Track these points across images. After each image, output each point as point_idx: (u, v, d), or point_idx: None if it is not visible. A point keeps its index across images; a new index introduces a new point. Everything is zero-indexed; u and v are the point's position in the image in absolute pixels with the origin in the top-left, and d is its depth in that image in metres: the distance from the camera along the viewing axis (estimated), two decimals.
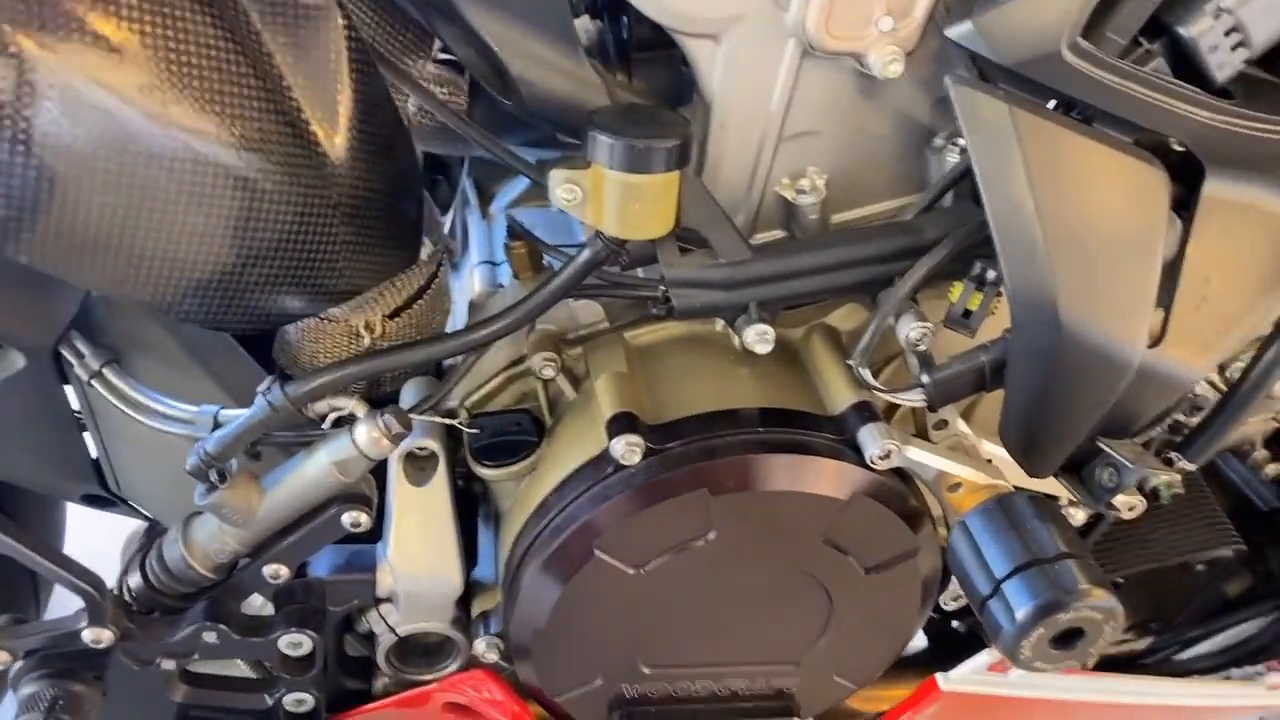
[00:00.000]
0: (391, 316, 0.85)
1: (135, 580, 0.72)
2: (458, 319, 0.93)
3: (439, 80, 0.82)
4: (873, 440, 0.68)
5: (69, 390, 0.81)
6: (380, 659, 0.80)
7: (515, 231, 0.87)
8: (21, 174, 0.58)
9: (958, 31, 0.61)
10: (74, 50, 0.58)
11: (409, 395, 0.80)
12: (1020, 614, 0.61)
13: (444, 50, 0.82)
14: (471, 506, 0.83)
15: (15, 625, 0.70)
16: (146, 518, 0.93)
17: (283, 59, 0.66)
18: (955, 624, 1.04)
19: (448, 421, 0.74)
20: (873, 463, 0.68)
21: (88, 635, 0.69)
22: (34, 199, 0.59)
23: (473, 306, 0.91)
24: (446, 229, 1.07)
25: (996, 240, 0.62)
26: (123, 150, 0.61)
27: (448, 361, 0.83)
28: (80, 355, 0.76)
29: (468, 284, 0.98)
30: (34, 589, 1.05)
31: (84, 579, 0.67)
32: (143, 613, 0.73)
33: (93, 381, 0.75)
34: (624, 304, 0.78)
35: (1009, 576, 0.63)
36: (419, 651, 0.82)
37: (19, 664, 0.71)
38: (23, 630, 0.70)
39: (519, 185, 1.08)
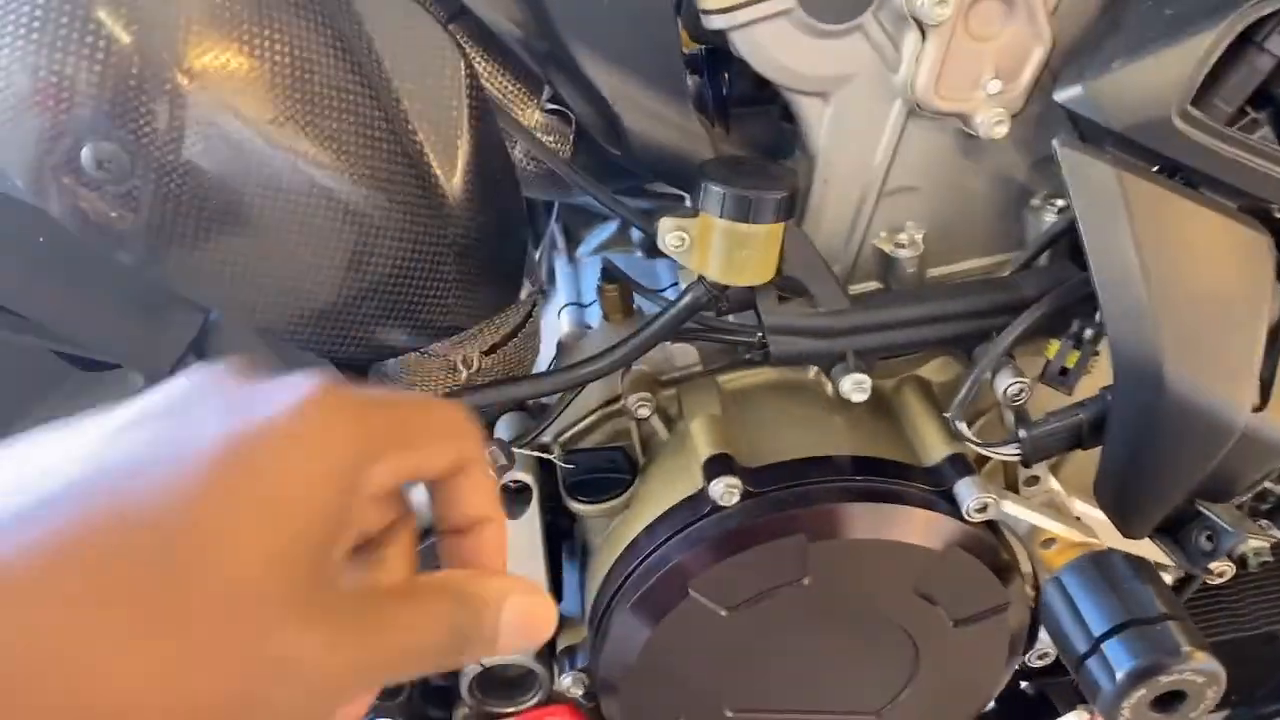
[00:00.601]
0: (488, 352, 0.88)
1: None
2: (543, 358, 0.96)
3: (546, 128, 0.86)
4: (970, 493, 0.69)
5: None
6: (464, 689, 0.81)
7: (609, 275, 0.90)
8: (169, 202, 0.62)
9: (1067, 95, 0.62)
10: (223, 87, 0.62)
11: (503, 430, 0.82)
12: (1121, 674, 0.61)
13: (551, 100, 0.86)
14: (555, 542, 0.85)
15: None
16: None
17: (410, 104, 0.70)
18: (1024, 685, 1.03)
19: (546, 456, 0.76)
20: (969, 515, 0.69)
21: None
22: (177, 225, 0.63)
23: (561, 346, 0.94)
24: None
25: (1102, 301, 0.63)
26: (258, 184, 0.64)
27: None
28: None
29: (554, 325, 1.00)
30: None
31: None
32: None
33: None
34: (717, 348, 0.81)
35: (1108, 635, 0.63)
36: (500, 684, 0.83)
37: None
38: None
39: (605, 231, 1.12)
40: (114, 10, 0.57)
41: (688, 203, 0.87)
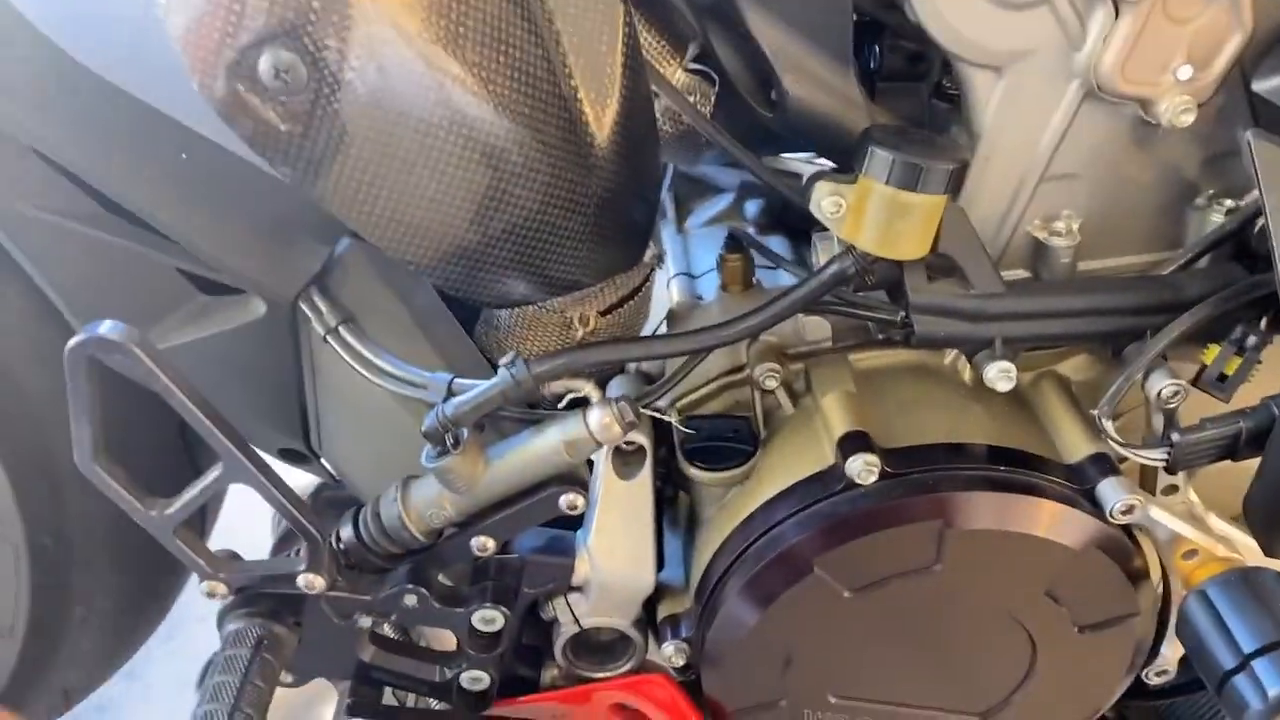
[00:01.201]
0: (604, 313, 0.86)
1: (347, 533, 0.74)
2: (650, 324, 0.95)
3: (688, 88, 0.84)
4: (1116, 493, 0.66)
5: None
6: (557, 649, 0.80)
7: (734, 244, 0.88)
8: (334, 119, 0.61)
9: (1268, 86, 0.60)
10: (395, 6, 0.60)
11: (614, 391, 0.80)
12: (1274, 692, 0.58)
13: (695, 59, 0.85)
14: (658, 509, 0.83)
15: (233, 560, 0.72)
16: (332, 480, 0.95)
17: (569, 45, 0.69)
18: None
19: (667, 419, 0.74)
20: (1113, 517, 0.66)
21: (303, 580, 0.70)
22: (338, 143, 0.62)
23: (673, 315, 0.92)
24: None
25: None
26: (414, 109, 0.63)
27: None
28: (319, 311, 0.78)
29: (664, 294, 0.99)
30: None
31: (312, 523, 0.69)
32: (350, 567, 0.74)
33: (328, 338, 0.78)
34: (851, 325, 0.78)
35: (1260, 653, 0.60)
36: (592, 648, 0.82)
37: (229, 599, 0.73)
38: (240, 565, 0.72)
39: (719, 204, 1.10)
40: None
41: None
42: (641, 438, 0.75)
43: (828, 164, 0.88)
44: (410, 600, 0.73)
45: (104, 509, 0.92)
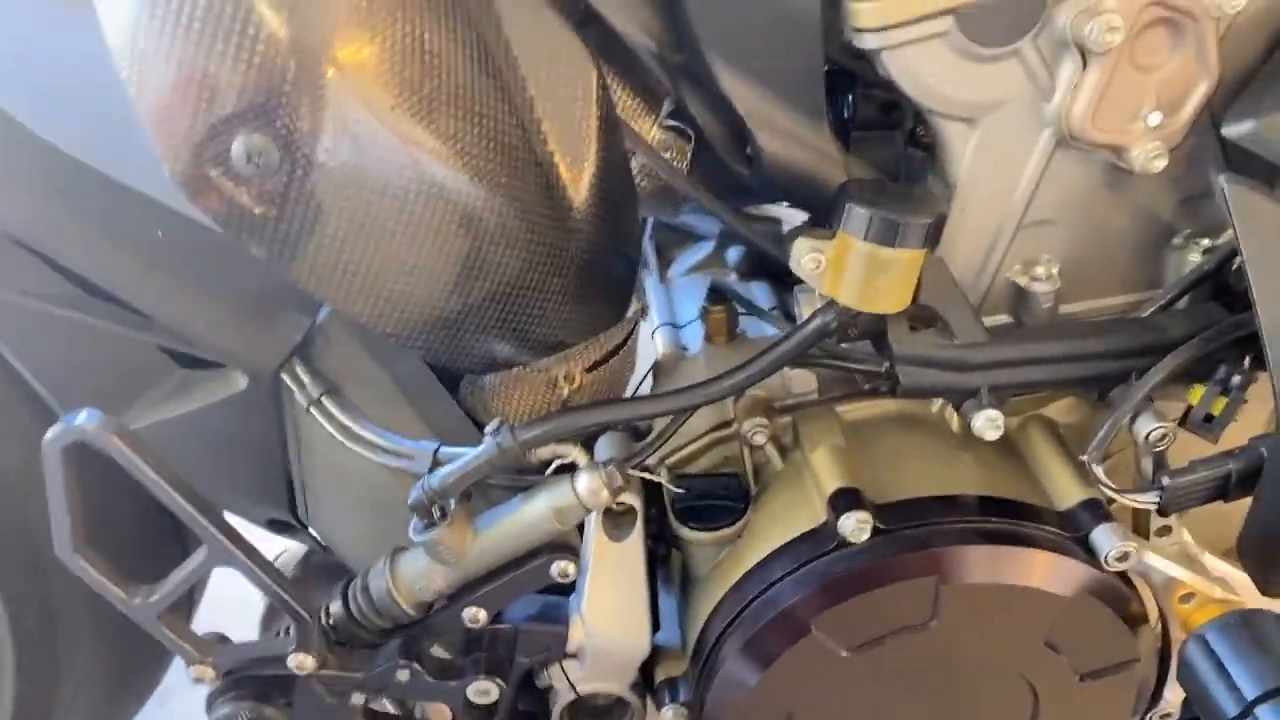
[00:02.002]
0: (590, 369, 0.86)
1: (336, 608, 0.72)
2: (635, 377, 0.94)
3: (664, 145, 0.84)
4: (1110, 540, 0.66)
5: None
6: (555, 716, 0.79)
7: (717, 296, 0.88)
8: (307, 199, 0.61)
9: (1238, 131, 0.60)
10: (366, 83, 0.60)
11: (604, 450, 0.79)
12: None
13: (670, 115, 0.85)
14: (651, 568, 0.82)
15: (221, 643, 0.71)
16: (321, 546, 0.94)
17: (542, 110, 0.69)
18: None
19: (657, 480, 0.74)
20: (1108, 564, 0.66)
21: (293, 660, 0.69)
22: (312, 222, 0.62)
23: (659, 367, 0.92)
24: None
25: (1268, 345, 0.60)
26: (391, 183, 0.63)
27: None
28: (301, 383, 0.78)
29: (649, 345, 0.98)
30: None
31: (300, 603, 0.68)
32: (340, 643, 0.73)
33: (311, 409, 0.77)
34: (836, 377, 0.78)
35: (1263, 699, 0.59)
36: (589, 713, 0.80)
37: (219, 683, 0.71)
38: (228, 649, 0.70)
39: (699, 252, 1.10)
40: (274, 4, 0.56)
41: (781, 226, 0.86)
42: (631, 498, 0.75)
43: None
44: (403, 675, 0.72)
45: (87, 589, 0.92)
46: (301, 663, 0.69)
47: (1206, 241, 0.72)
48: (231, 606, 0.80)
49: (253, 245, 0.61)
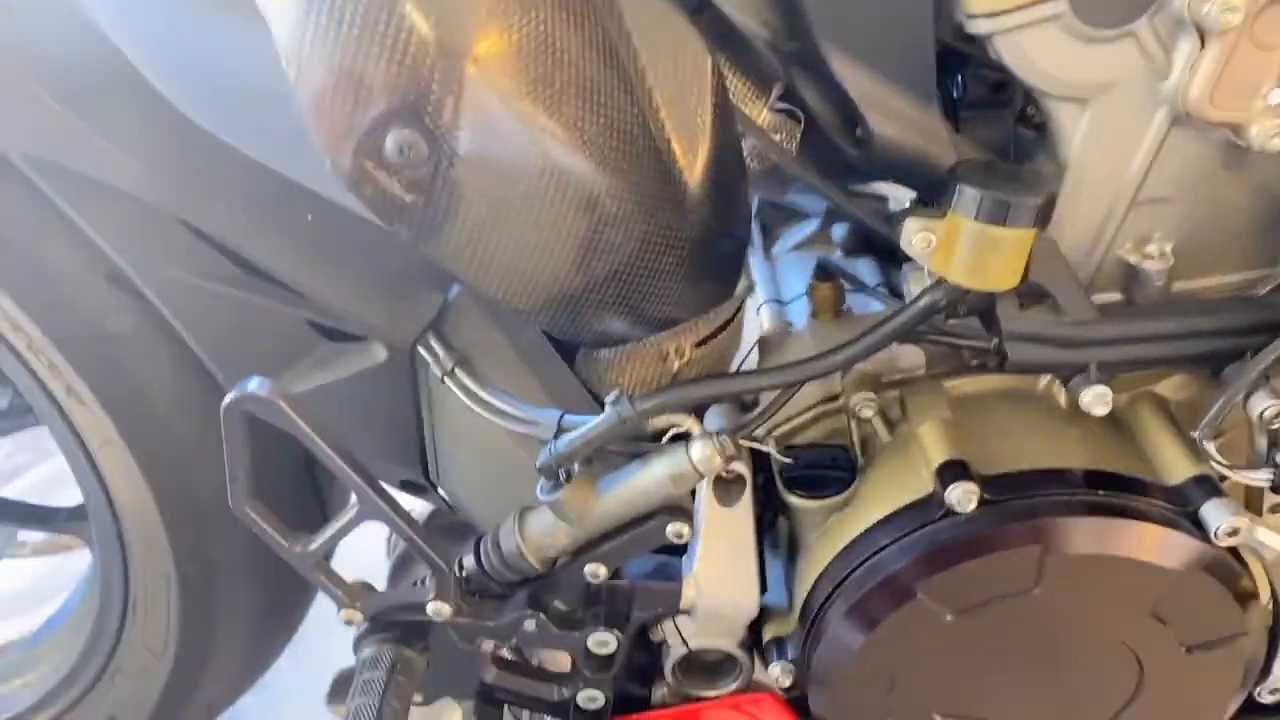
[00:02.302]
0: (699, 344, 0.90)
1: (470, 562, 0.79)
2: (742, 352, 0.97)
3: (774, 127, 0.87)
4: (1220, 515, 0.67)
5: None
6: (667, 670, 0.83)
7: (824, 272, 0.91)
8: (451, 185, 0.66)
9: None
10: (502, 76, 0.65)
11: (713, 421, 0.84)
12: None
13: (780, 98, 0.87)
14: (759, 535, 0.86)
15: (367, 590, 0.78)
16: (448, 507, 1.01)
17: (661, 97, 0.72)
18: None
19: (766, 450, 0.77)
20: (1218, 539, 0.67)
21: (432, 607, 0.75)
22: (454, 207, 0.67)
23: (764, 343, 0.95)
24: None
25: None
26: (524, 169, 0.68)
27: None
28: (436, 355, 0.84)
29: (754, 322, 1.01)
30: None
31: (439, 554, 0.74)
32: (472, 594, 0.79)
33: (445, 379, 0.83)
34: (943, 352, 0.80)
35: None
36: (700, 668, 0.85)
37: (364, 626, 0.79)
38: (374, 595, 0.78)
39: (804, 229, 1.12)
40: (422, 9, 0.61)
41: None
42: (741, 467, 0.79)
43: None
44: (530, 625, 0.77)
45: (243, 539, 1.01)
46: (439, 609, 0.76)
47: None
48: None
49: (401, 229, 0.67)
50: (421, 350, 0.85)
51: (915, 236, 0.68)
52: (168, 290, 0.83)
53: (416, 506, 1.09)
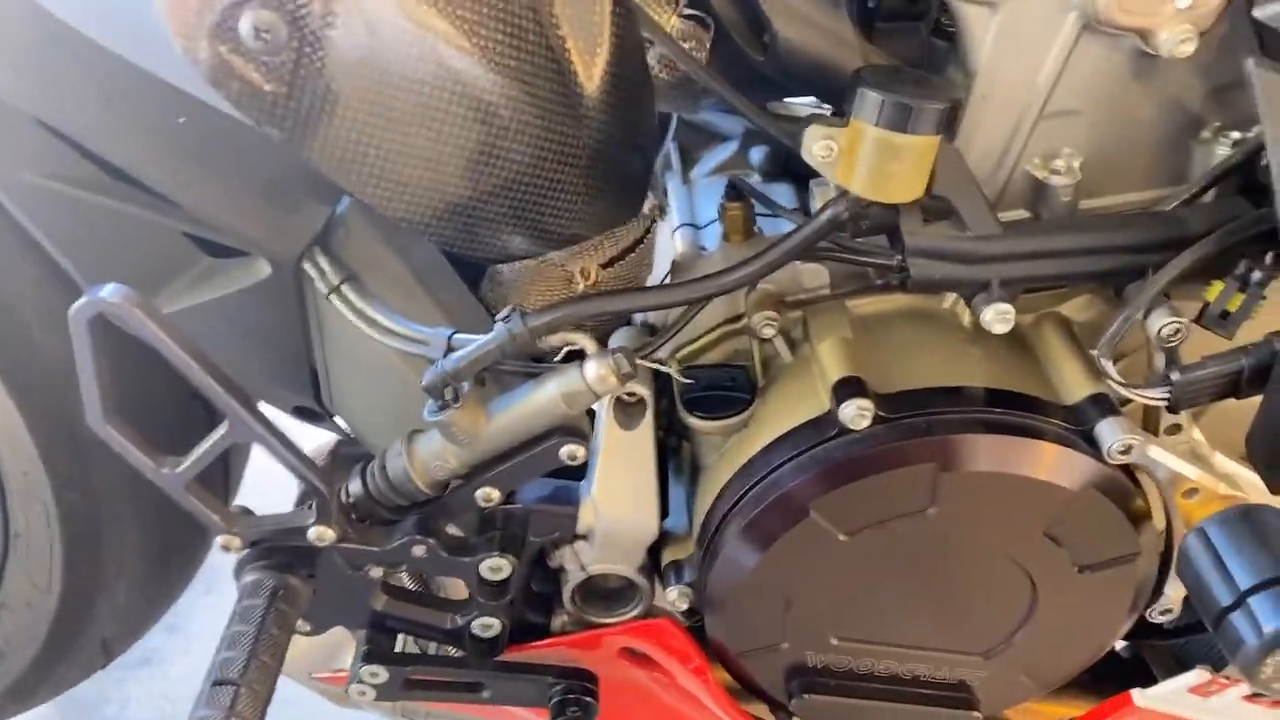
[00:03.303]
0: (605, 265, 0.86)
1: (355, 487, 0.75)
2: (655, 277, 0.95)
3: (683, 34, 0.83)
4: (1114, 433, 0.66)
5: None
6: (565, 596, 0.82)
7: (735, 193, 0.88)
8: (316, 77, 0.61)
9: (1272, 12, 0.58)
10: None
11: (616, 344, 0.81)
12: (1269, 629, 0.58)
13: (690, 4, 0.83)
14: (661, 458, 0.84)
15: (245, 515, 0.74)
16: (344, 435, 0.97)
17: None
18: (1119, 648, 1.00)
19: (665, 369, 0.75)
20: (1111, 456, 0.66)
21: (313, 532, 0.72)
22: (321, 102, 0.62)
23: (676, 266, 0.92)
24: None
25: None
26: (399, 65, 0.63)
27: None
28: (321, 270, 0.79)
29: (667, 245, 0.98)
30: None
31: (319, 477, 0.71)
32: (359, 520, 0.76)
33: (331, 296, 0.79)
34: (848, 271, 0.78)
35: (1256, 590, 0.60)
36: (599, 595, 0.83)
37: (244, 552, 0.75)
38: (253, 520, 0.74)
39: (723, 152, 1.09)
40: None
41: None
42: (642, 389, 0.76)
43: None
44: (419, 550, 0.75)
45: (128, 467, 0.96)
46: (321, 534, 0.73)
47: (1235, 134, 0.70)
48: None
49: (265, 124, 0.62)
50: (307, 266, 0.80)
51: (816, 144, 0.65)
52: (26, 196, 0.77)
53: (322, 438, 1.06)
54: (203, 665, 0.70)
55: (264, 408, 0.73)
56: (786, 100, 1.01)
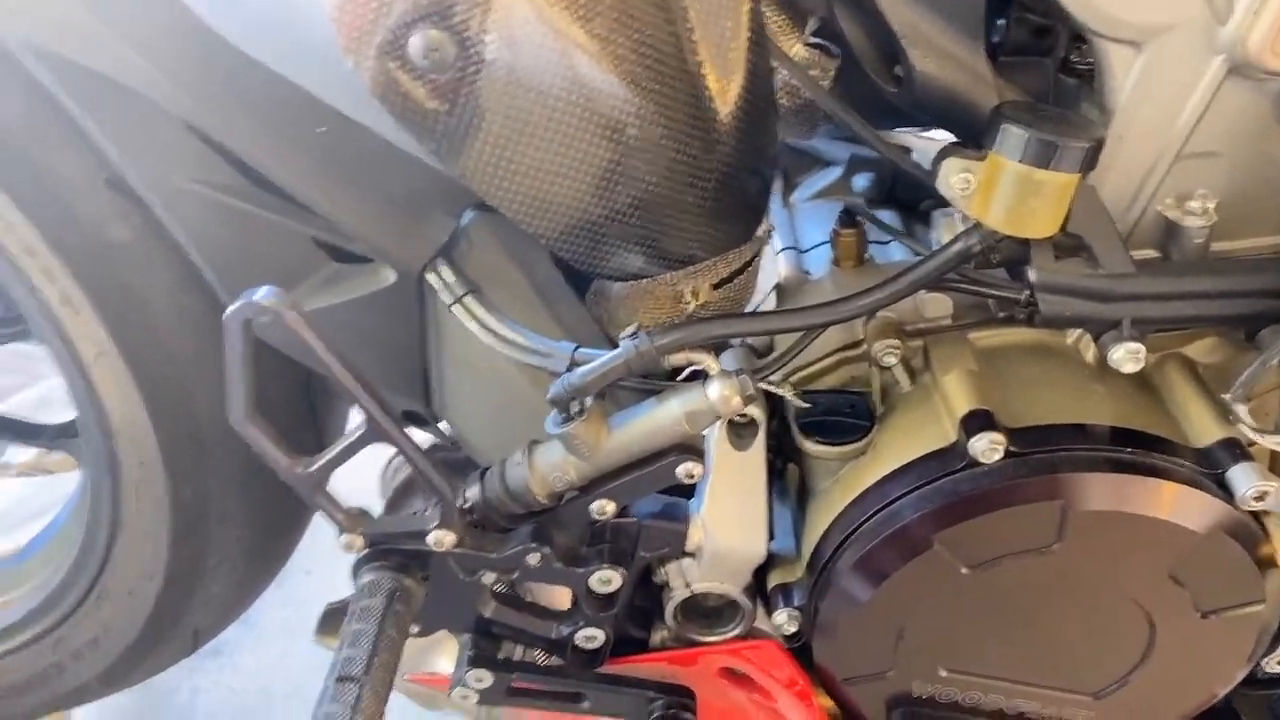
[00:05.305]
0: (716, 286, 0.87)
1: (474, 493, 0.77)
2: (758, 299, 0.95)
3: (809, 62, 0.84)
4: (1248, 479, 0.65)
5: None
6: (668, 612, 0.82)
7: (848, 220, 0.89)
8: (471, 96, 0.63)
9: None
10: None
11: (729, 363, 0.82)
12: None
13: (816, 33, 0.84)
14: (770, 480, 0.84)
15: (367, 516, 0.76)
16: (449, 441, 0.99)
17: (695, 15, 0.69)
18: None
19: (783, 393, 0.76)
20: (1244, 502, 0.65)
21: (434, 536, 0.74)
22: (479, 119, 0.64)
23: (781, 290, 0.93)
24: None
25: None
26: (550, 86, 0.65)
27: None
28: (445, 282, 0.81)
29: (770, 268, 0.99)
30: None
31: (445, 482, 0.72)
32: (475, 525, 0.77)
33: (454, 307, 0.81)
34: (972, 303, 0.78)
35: None
36: (701, 612, 0.84)
37: (364, 553, 0.77)
38: (375, 521, 0.76)
39: (826, 177, 1.10)
40: None
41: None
42: (755, 411, 0.77)
43: (945, 138, 0.87)
44: (533, 559, 0.76)
45: (239, 466, 0.99)
46: (440, 539, 0.74)
47: None
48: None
49: (424, 139, 0.64)
50: (430, 276, 0.82)
51: (954, 177, 0.66)
52: (172, 199, 0.80)
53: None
54: (271, 659, 0.71)
55: None
56: (898, 130, 1.03)
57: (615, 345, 0.72)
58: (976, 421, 0.67)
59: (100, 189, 0.81)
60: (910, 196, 1.01)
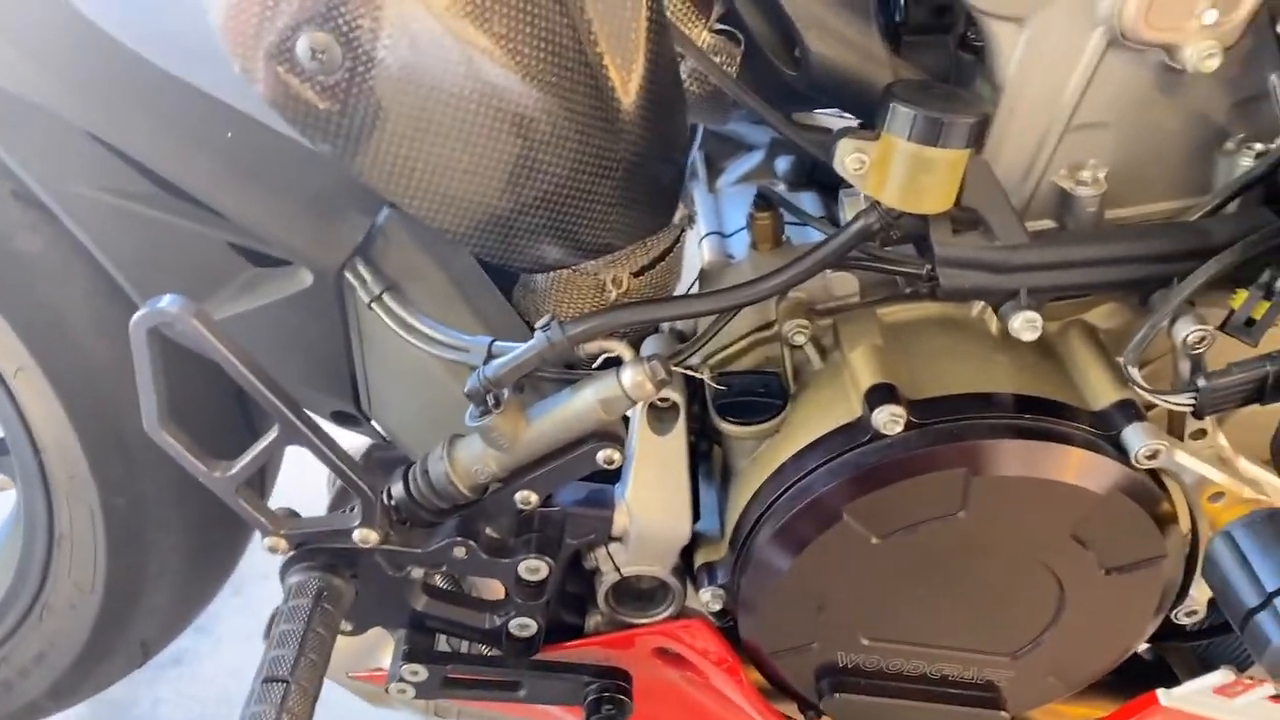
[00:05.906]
0: (637, 274, 0.88)
1: (398, 490, 0.77)
2: (682, 285, 0.96)
3: (714, 49, 0.85)
4: (1140, 439, 0.67)
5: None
6: (600, 597, 0.83)
7: (764, 203, 0.90)
8: (368, 95, 0.64)
9: None
10: None
11: (650, 349, 0.83)
12: None
13: (720, 19, 0.85)
14: (693, 462, 0.86)
15: (291, 517, 0.77)
16: (382, 440, 0.99)
17: (593, 6, 0.70)
18: (1142, 650, 1.01)
19: (699, 376, 0.77)
20: (1138, 461, 0.68)
21: (358, 535, 0.74)
22: (372, 119, 0.65)
23: (704, 275, 0.94)
24: None
25: None
26: (444, 83, 0.65)
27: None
28: (363, 280, 0.82)
29: (695, 253, 1.00)
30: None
31: (364, 481, 0.73)
32: (401, 522, 0.78)
33: (373, 305, 0.81)
34: (877, 279, 0.80)
35: None
36: (633, 595, 0.85)
37: (290, 554, 0.77)
38: (299, 522, 0.76)
39: (748, 162, 1.11)
40: None
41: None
42: (675, 394, 0.78)
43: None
44: (459, 552, 0.77)
45: (173, 472, 0.98)
46: (365, 537, 0.75)
47: (1259, 146, 0.71)
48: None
49: (319, 140, 0.65)
50: (348, 275, 0.82)
51: (848, 157, 0.67)
52: (78, 208, 0.79)
53: (354, 442, 1.08)
54: (231, 666, 0.71)
55: None
56: (815, 111, 1.04)
57: None
58: (879, 395, 0.69)
59: (5, 199, 0.81)
60: (830, 178, 1.02)
